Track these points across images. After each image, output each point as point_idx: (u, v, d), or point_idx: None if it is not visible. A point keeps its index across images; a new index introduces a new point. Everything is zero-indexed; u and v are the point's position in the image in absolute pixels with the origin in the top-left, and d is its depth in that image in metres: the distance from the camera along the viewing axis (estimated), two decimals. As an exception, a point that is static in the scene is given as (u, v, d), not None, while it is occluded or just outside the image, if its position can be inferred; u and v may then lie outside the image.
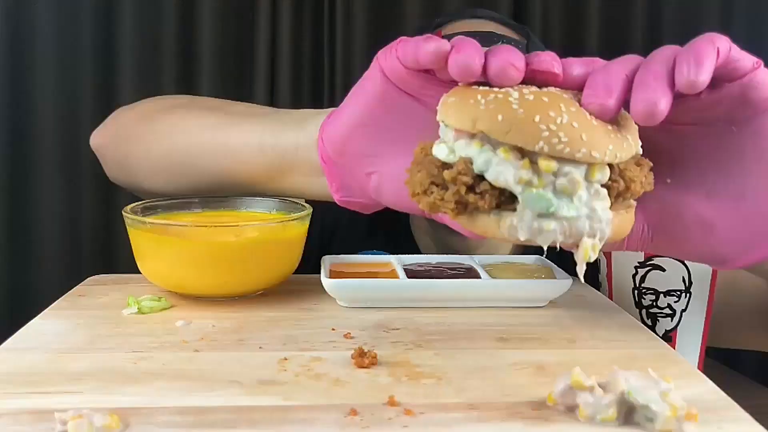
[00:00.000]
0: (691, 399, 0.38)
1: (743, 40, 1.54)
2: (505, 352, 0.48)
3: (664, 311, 0.60)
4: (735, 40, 0.39)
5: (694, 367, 0.47)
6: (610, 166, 0.39)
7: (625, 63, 0.41)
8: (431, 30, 0.93)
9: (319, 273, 0.59)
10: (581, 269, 0.39)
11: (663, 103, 0.37)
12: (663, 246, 0.46)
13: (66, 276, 1.40)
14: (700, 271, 0.59)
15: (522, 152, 0.37)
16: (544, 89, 0.40)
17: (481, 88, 0.40)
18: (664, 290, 0.60)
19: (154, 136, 0.68)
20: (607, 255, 0.63)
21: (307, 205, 0.63)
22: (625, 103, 0.39)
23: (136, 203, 0.62)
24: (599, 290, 0.66)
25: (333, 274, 0.60)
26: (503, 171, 0.37)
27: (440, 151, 0.40)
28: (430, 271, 0.62)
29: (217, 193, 0.66)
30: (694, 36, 0.39)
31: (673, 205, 0.44)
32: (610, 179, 0.39)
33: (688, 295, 0.60)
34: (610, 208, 0.39)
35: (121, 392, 0.40)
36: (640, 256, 0.60)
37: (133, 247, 0.60)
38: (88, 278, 0.66)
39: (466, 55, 0.39)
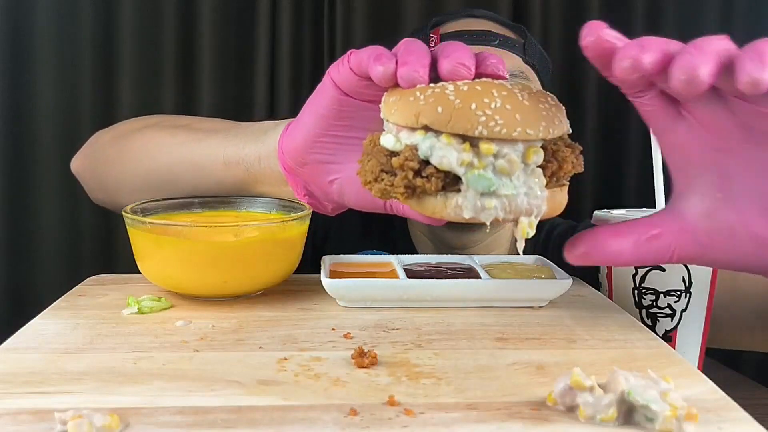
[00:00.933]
0: (691, 399, 0.38)
1: (743, 40, 1.55)
2: (505, 352, 0.48)
3: (664, 311, 0.60)
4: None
5: (694, 367, 0.47)
6: (544, 148, 0.42)
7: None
8: (429, 29, 0.93)
9: (317, 273, 0.59)
10: (521, 245, 0.43)
11: (704, 70, 0.36)
12: (715, 260, 0.46)
13: (66, 276, 1.40)
14: (700, 271, 0.59)
15: (463, 137, 0.41)
16: (477, 79, 0.43)
17: (419, 86, 0.43)
18: (664, 290, 0.60)
19: (127, 157, 0.72)
20: (607, 255, 0.63)
21: (306, 205, 0.63)
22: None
23: (136, 203, 0.62)
24: (599, 290, 0.66)
25: (333, 274, 0.60)
26: (446, 155, 0.41)
27: (387, 141, 0.43)
28: (430, 271, 0.62)
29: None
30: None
31: (724, 221, 0.44)
32: (544, 160, 0.42)
33: (688, 295, 0.60)
34: (546, 186, 0.42)
35: (121, 392, 0.40)
36: (640, 256, 0.60)
37: (133, 247, 0.60)
38: (88, 278, 0.66)
39: (411, 69, 0.43)
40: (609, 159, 1.55)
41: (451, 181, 0.42)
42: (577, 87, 1.52)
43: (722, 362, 0.77)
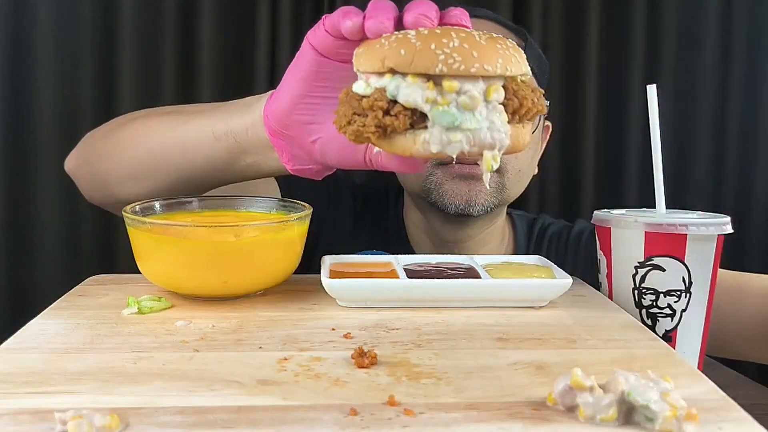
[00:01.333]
0: (691, 399, 0.38)
1: (743, 40, 1.54)
2: (505, 352, 0.48)
3: (664, 311, 0.60)
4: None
5: (694, 367, 0.47)
6: (505, 87, 0.46)
7: None
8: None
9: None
10: (486, 177, 0.47)
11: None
12: None
13: (66, 276, 1.40)
14: (700, 271, 0.59)
15: (427, 76, 0.44)
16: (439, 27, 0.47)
17: (385, 35, 0.47)
18: (664, 290, 0.60)
19: (119, 146, 0.74)
20: (607, 255, 0.63)
21: (306, 205, 0.63)
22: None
23: (136, 203, 0.62)
24: (599, 290, 0.66)
25: (333, 274, 0.60)
26: (412, 93, 0.44)
27: (358, 87, 0.47)
28: (430, 271, 0.62)
29: (185, 190, 0.69)
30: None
31: None
32: (505, 98, 0.45)
33: (688, 295, 0.60)
34: (508, 123, 0.46)
35: (121, 392, 0.40)
36: (641, 256, 0.60)
37: (133, 247, 0.60)
38: (88, 278, 0.66)
39: (377, 21, 0.48)
40: (609, 159, 1.54)
41: (418, 119, 0.45)
42: (577, 87, 1.52)
43: (722, 362, 0.77)
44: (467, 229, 0.94)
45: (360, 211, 1.01)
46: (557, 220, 1.10)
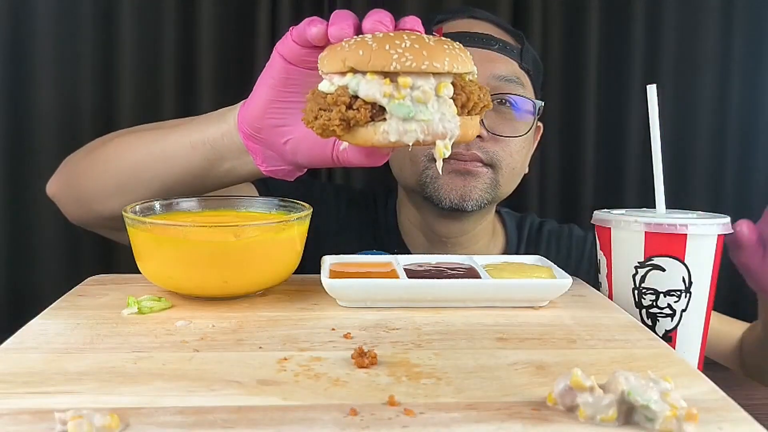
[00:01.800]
0: (691, 399, 0.38)
1: (743, 40, 1.54)
2: (505, 352, 0.48)
3: (664, 311, 0.60)
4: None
5: (694, 367, 0.47)
6: (454, 84, 0.51)
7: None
8: (433, 26, 0.95)
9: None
10: (439, 165, 0.52)
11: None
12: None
13: (66, 276, 1.40)
14: (700, 271, 0.59)
15: (384, 74, 0.49)
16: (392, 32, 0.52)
17: (345, 39, 0.52)
18: (664, 290, 0.60)
19: (101, 164, 0.77)
20: (608, 255, 0.63)
21: (306, 205, 0.64)
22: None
23: (136, 203, 0.62)
24: (599, 290, 0.66)
25: (333, 274, 0.60)
26: (371, 88, 0.49)
27: (323, 86, 0.52)
28: (430, 271, 0.62)
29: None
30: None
31: None
32: (455, 93, 0.51)
33: (688, 295, 0.60)
34: (458, 115, 0.51)
35: (121, 392, 0.40)
36: (641, 256, 0.60)
37: (133, 247, 0.60)
38: (88, 278, 0.66)
39: (338, 27, 0.53)
40: (609, 159, 1.54)
41: (377, 112, 0.50)
42: (577, 87, 1.52)
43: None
44: (460, 224, 0.96)
45: (344, 214, 1.03)
46: (547, 219, 1.12)
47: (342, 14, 0.55)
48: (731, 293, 1.55)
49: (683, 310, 0.60)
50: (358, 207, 1.05)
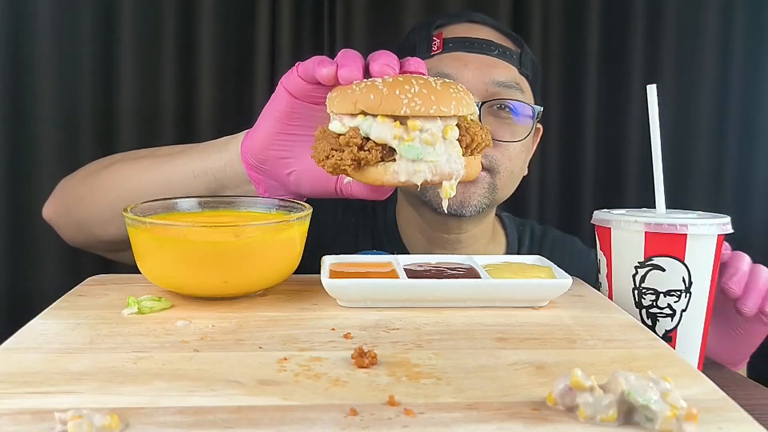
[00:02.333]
0: (691, 399, 0.38)
1: (742, 41, 1.54)
2: (505, 352, 0.48)
3: (664, 311, 0.60)
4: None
5: (694, 367, 0.47)
6: (459, 125, 0.55)
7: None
8: (432, 30, 0.94)
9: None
10: (445, 204, 0.56)
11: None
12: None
13: (66, 276, 1.40)
14: (700, 271, 0.59)
15: (394, 117, 0.52)
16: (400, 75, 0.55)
17: (355, 82, 0.55)
18: (664, 290, 0.60)
19: (99, 190, 0.78)
20: (608, 255, 0.63)
21: (307, 204, 0.64)
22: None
23: (136, 203, 0.62)
24: (599, 290, 0.66)
25: (333, 274, 0.60)
26: (382, 131, 0.52)
27: (335, 126, 0.55)
28: (430, 271, 0.62)
29: None
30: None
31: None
32: (460, 135, 0.55)
33: (688, 295, 0.60)
34: (462, 155, 0.55)
35: (121, 392, 0.40)
36: (641, 256, 0.60)
37: (133, 247, 0.60)
38: (88, 278, 0.66)
39: (348, 69, 0.56)
40: (609, 159, 1.54)
41: (387, 153, 0.53)
42: (577, 87, 1.52)
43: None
44: (459, 226, 0.96)
45: (340, 216, 1.04)
46: (549, 227, 1.13)
47: (351, 56, 0.57)
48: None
49: (683, 310, 0.60)
50: (355, 209, 1.05)
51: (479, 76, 0.91)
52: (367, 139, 0.53)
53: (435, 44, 0.95)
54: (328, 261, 0.63)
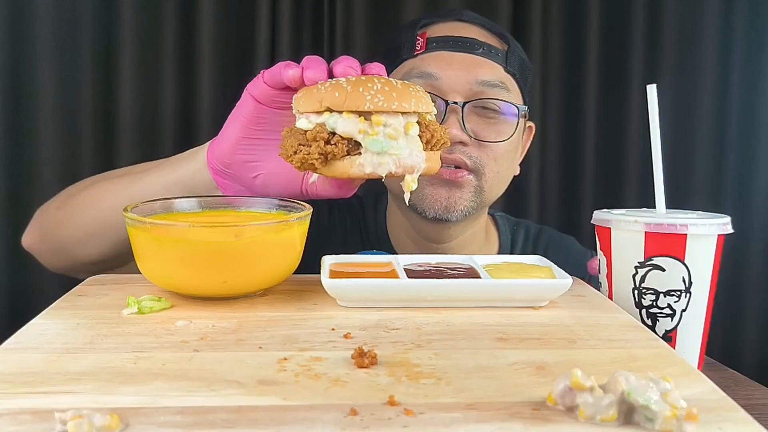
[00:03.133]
0: (691, 399, 0.38)
1: (742, 43, 1.54)
2: (505, 352, 0.48)
3: (664, 311, 0.60)
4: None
5: (694, 367, 0.46)
6: (419, 123, 0.58)
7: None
8: (417, 29, 0.95)
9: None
10: (407, 197, 0.60)
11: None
12: None
13: (66, 276, 1.40)
14: (700, 271, 0.59)
15: (358, 113, 0.56)
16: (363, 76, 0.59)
17: (320, 82, 0.58)
18: (664, 290, 0.60)
19: (76, 212, 0.80)
20: (608, 255, 0.63)
21: (306, 205, 0.64)
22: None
23: (136, 203, 0.62)
24: (599, 290, 0.66)
25: (333, 274, 0.60)
26: (348, 126, 0.55)
27: (302, 123, 0.58)
28: (430, 271, 0.62)
29: None
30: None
31: None
32: (420, 131, 0.58)
33: (688, 295, 0.60)
34: (423, 150, 0.58)
35: (121, 392, 0.40)
36: (641, 256, 0.60)
37: (133, 247, 0.60)
38: (88, 278, 0.66)
39: (314, 71, 0.60)
40: (609, 159, 1.54)
41: (353, 147, 0.56)
42: (577, 87, 1.52)
43: (722, 362, 0.77)
44: (448, 231, 0.96)
45: (325, 223, 1.04)
46: (545, 227, 1.12)
47: (315, 59, 0.61)
48: (731, 293, 1.55)
49: (683, 310, 0.60)
50: (342, 211, 1.05)
51: (463, 75, 0.90)
52: (334, 134, 0.56)
53: (419, 44, 0.94)
54: (328, 261, 0.63)
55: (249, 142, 0.66)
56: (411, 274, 0.60)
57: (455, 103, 0.89)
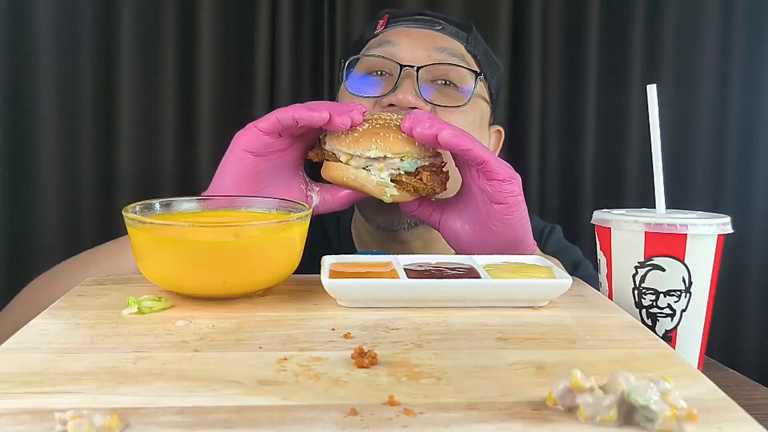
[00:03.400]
0: (691, 399, 0.38)
1: (742, 45, 1.54)
2: (505, 352, 0.48)
3: (664, 311, 0.60)
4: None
5: (694, 367, 0.46)
6: (416, 171, 0.72)
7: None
8: (378, 18, 0.97)
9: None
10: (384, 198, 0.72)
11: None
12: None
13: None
14: (700, 271, 0.59)
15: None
16: (380, 122, 0.72)
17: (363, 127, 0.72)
18: (664, 290, 0.60)
19: (32, 305, 0.72)
20: (608, 255, 0.63)
21: (306, 205, 0.64)
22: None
23: (136, 203, 0.62)
24: (599, 290, 0.66)
25: (333, 274, 0.60)
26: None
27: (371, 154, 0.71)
28: (430, 271, 0.62)
29: None
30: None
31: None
32: (406, 179, 0.71)
33: (688, 295, 0.60)
34: (399, 187, 0.72)
35: (121, 392, 0.40)
36: (641, 256, 0.60)
37: (133, 247, 0.59)
38: (88, 278, 0.66)
39: (342, 121, 0.68)
40: (609, 159, 1.54)
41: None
42: (577, 87, 1.52)
43: (722, 362, 0.77)
44: (401, 237, 0.95)
45: None
46: (555, 228, 1.11)
47: (350, 106, 0.69)
48: (731, 293, 1.55)
49: (683, 310, 0.60)
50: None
51: (421, 44, 0.90)
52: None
53: (380, 24, 0.95)
54: (328, 261, 0.63)
55: (245, 192, 0.70)
56: (411, 274, 0.60)
57: (411, 66, 0.87)
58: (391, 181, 0.71)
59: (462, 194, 0.76)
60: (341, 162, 0.71)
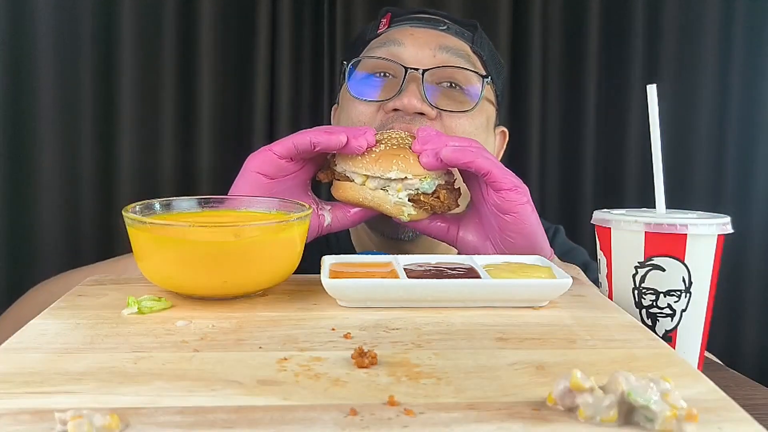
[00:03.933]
0: (691, 399, 0.38)
1: (742, 45, 1.54)
2: (505, 352, 0.48)
3: (664, 311, 0.60)
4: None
5: (694, 367, 0.46)
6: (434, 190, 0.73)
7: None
8: (380, 17, 0.95)
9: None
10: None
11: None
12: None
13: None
14: (700, 271, 0.59)
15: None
16: (395, 142, 0.73)
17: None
18: (664, 290, 0.60)
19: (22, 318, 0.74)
20: (608, 255, 0.63)
21: (306, 204, 0.64)
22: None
23: (136, 203, 0.62)
24: (599, 290, 0.66)
25: (333, 274, 0.60)
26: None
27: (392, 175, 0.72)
28: (430, 271, 0.62)
29: None
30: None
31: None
32: (424, 198, 0.72)
33: (688, 295, 0.60)
34: (417, 206, 0.72)
35: (121, 392, 0.40)
36: (641, 256, 0.60)
37: (133, 247, 0.59)
38: (88, 278, 0.66)
39: (359, 143, 0.69)
40: (609, 159, 1.54)
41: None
42: (578, 87, 1.52)
43: (722, 362, 0.77)
44: (409, 246, 0.95)
45: None
46: (558, 229, 1.11)
47: (337, 132, 0.68)
48: (731, 293, 1.55)
49: (683, 310, 0.60)
50: None
51: (425, 44, 0.89)
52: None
53: (382, 24, 0.94)
54: (328, 261, 0.63)
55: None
56: (411, 274, 0.60)
57: (416, 69, 0.87)
58: (409, 200, 0.72)
59: (474, 208, 0.76)
60: (354, 182, 0.72)
